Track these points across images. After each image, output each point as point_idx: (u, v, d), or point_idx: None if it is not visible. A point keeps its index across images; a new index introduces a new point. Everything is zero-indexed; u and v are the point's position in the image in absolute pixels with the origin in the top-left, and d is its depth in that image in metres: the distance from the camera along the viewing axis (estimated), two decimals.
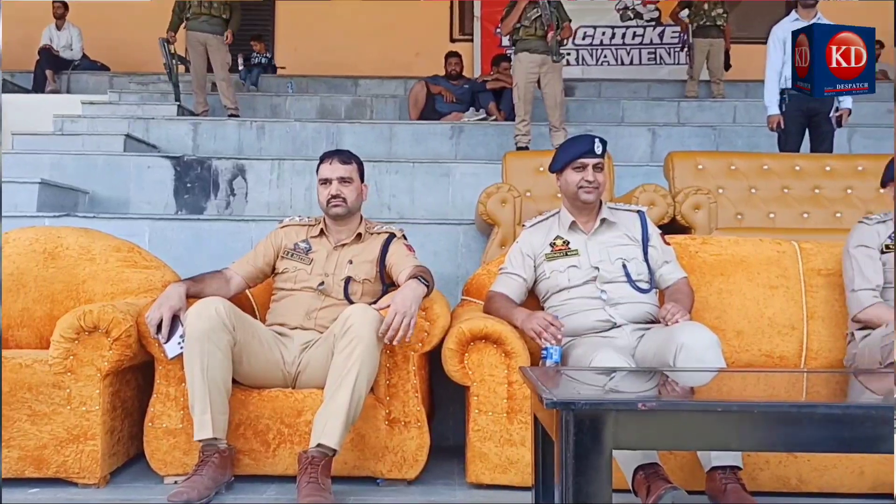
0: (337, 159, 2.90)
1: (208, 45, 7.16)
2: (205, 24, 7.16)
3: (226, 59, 7.28)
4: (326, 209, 2.88)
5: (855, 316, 2.86)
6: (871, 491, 2.53)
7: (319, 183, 2.90)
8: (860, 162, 4.59)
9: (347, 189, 2.86)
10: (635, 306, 2.76)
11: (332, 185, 2.85)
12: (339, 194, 2.84)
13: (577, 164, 2.80)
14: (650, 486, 2.21)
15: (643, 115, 7.60)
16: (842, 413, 1.62)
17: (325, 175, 2.88)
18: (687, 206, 3.96)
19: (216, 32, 7.18)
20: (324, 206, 2.89)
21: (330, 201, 2.85)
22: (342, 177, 2.86)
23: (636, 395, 1.86)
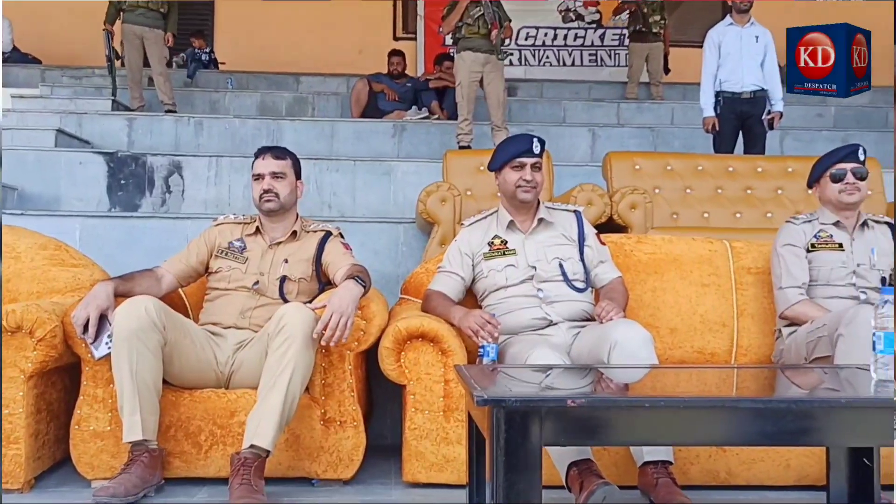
0: (270, 154, 2.86)
1: (145, 38, 6.99)
2: (141, 16, 6.99)
3: (163, 54, 7.12)
4: (259, 204, 2.84)
5: (782, 313, 2.94)
6: (797, 483, 2.61)
7: (253, 179, 2.86)
8: (790, 163, 4.72)
9: (280, 184, 2.82)
10: (571, 304, 2.79)
11: (265, 180, 2.81)
12: (272, 189, 2.80)
13: (516, 164, 2.82)
14: (583, 482, 2.23)
15: (584, 115, 7.69)
16: (765, 407, 1.66)
17: (258, 170, 2.84)
18: (623, 206, 4.02)
19: (153, 26, 7.01)
20: (256, 202, 2.85)
21: (262, 196, 2.82)
22: (275, 172, 2.83)
23: (566, 391, 1.87)
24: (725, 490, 2.63)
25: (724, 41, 5.47)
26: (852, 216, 3.01)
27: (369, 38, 9.29)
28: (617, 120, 7.64)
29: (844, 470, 2.17)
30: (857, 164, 2.96)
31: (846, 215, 3.00)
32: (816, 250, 2.97)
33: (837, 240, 2.97)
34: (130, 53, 7.05)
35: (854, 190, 2.96)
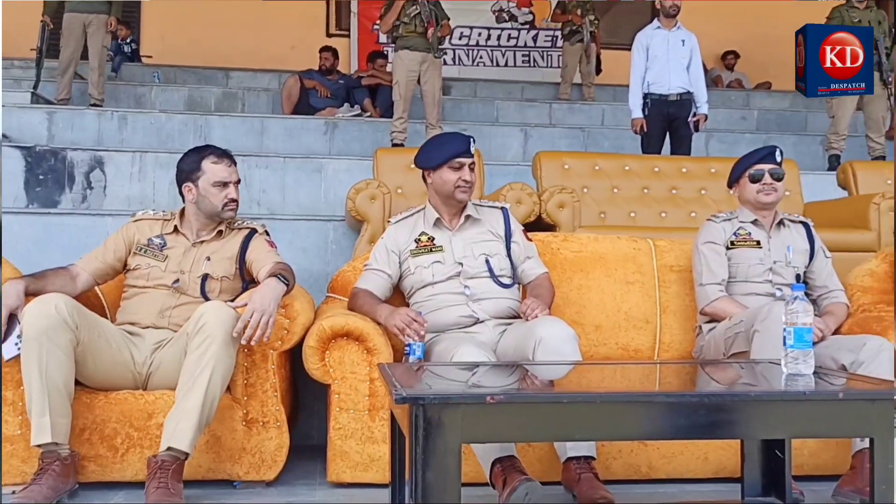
0: (229, 160, 2.80)
1: (88, 25, 6.70)
2: (85, 3, 6.71)
3: (104, 42, 6.86)
4: (221, 212, 2.76)
5: (702, 309, 3.01)
6: (714, 476, 2.67)
7: (214, 184, 2.74)
8: (713, 164, 4.83)
9: (237, 191, 2.79)
10: (498, 301, 2.80)
11: (231, 189, 2.76)
12: (237, 199, 2.77)
13: (455, 164, 2.81)
14: (506, 479, 2.24)
15: (516, 115, 7.75)
16: (679, 402, 1.69)
17: (222, 177, 2.75)
18: (552, 205, 4.06)
19: (98, 11, 6.72)
20: (218, 209, 2.75)
21: (227, 205, 2.76)
22: (237, 181, 2.80)
23: (485, 389, 1.87)
24: (647, 484, 2.68)
25: (651, 44, 5.58)
26: (769, 215, 3.09)
27: (302, 34, 9.16)
28: (549, 120, 7.72)
29: (758, 462, 2.23)
30: (775, 166, 3.05)
31: (763, 214, 3.08)
32: (735, 248, 3.04)
33: (755, 238, 3.05)
34: (70, 43, 6.75)
35: (771, 190, 3.04)
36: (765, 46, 9.75)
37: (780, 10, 9.59)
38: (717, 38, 9.59)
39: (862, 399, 1.73)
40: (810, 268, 3.06)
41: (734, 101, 8.82)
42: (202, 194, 2.74)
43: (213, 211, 2.76)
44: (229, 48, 9.15)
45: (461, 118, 7.44)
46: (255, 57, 9.08)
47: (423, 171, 2.90)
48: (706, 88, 5.79)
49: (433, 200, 2.91)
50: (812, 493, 2.54)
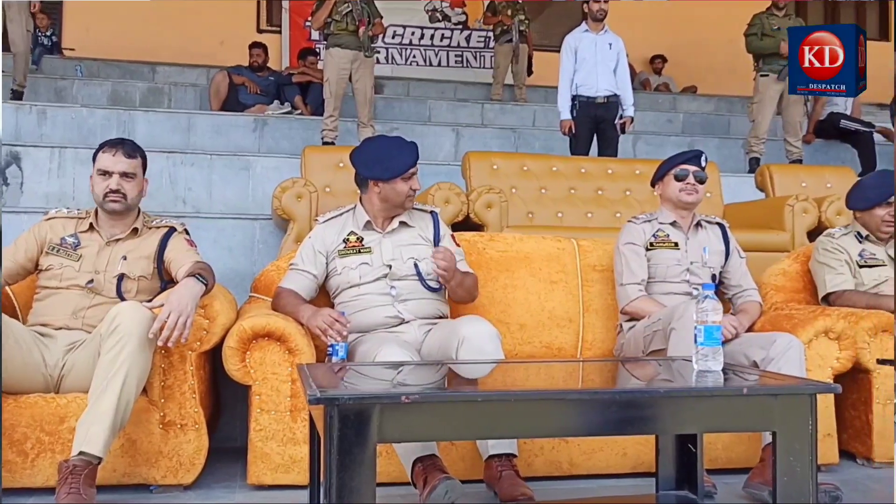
0: (121, 151, 2.71)
1: (9, 9, 6.42)
2: None
3: (28, 27, 6.58)
4: (102, 203, 2.69)
5: (623, 308, 3.07)
6: (633, 471, 2.73)
7: (98, 173, 2.69)
8: (637, 166, 4.94)
9: (129, 185, 2.69)
10: (424, 303, 2.81)
11: (113, 179, 2.67)
12: (120, 189, 2.67)
13: (407, 175, 2.80)
14: (427, 478, 2.25)
15: (449, 115, 7.77)
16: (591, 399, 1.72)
17: (105, 166, 2.68)
18: (480, 205, 4.09)
19: None
20: (99, 200, 2.69)
21: (107, 196, 2.67)
22: (125, 171, 2.69)
23: (401, 388, 1.87)
24: (568, 480, 2.72)
25: (580, 47, 5.67)
26: (688, 216, 3.18)
27: (231, 29, 8.98)
28: (481, 120, 7.77)
29: (672, 457, 2.29)
30: (699, 169, 3.13)
31: (682, 215, 3.16)
32: (655, 249, 3.12)
33: (674, 239, 3.13)
34: None
35: (693, 191, 3.12)
36: (692, 51, 10.01)
37: (706, 16, 9.87)
38: (646, 43, 9.81)
39: (765, 394, 1.80)
40: (725, 268, 3.16)
41: (661, 104, 9.03)
42: (91, 185, 2.69)
43: (98, 202, 2.69)
44: (156, 42, 8.92)
45: (393, 117, 7.43)
46: (182, 51, 8.87)
47: (376, 182, 2.81)
48: (633, 91, 5.92)
49: (371, 205, 2.86)
50: (725, 485, 2.62)
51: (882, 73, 9.16)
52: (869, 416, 2.94)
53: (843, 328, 2.88)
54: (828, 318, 2.90)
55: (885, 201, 3.23)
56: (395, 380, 2.14)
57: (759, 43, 6.38)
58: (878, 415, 2.91)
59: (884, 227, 3.26)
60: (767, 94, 6.41)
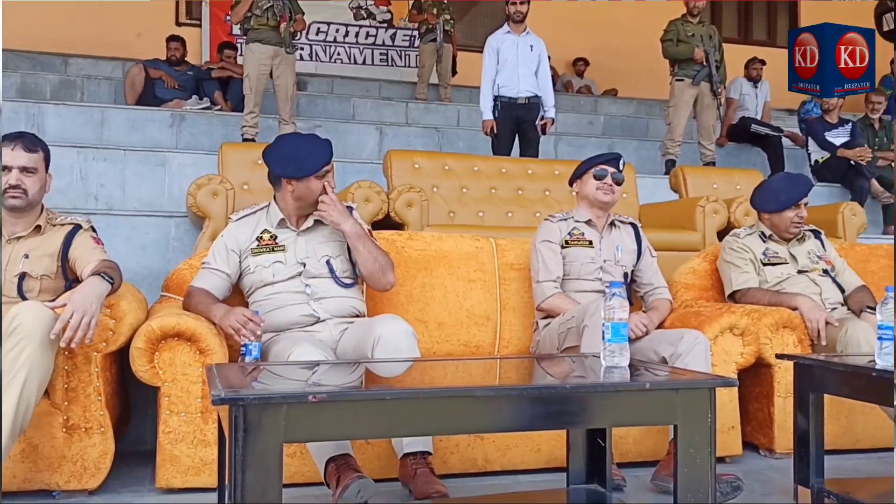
0: (20, 145, 2.59)
1: None
2: None
3: None
4: (1, 199, 2.58)
5: (538, 305, 3.12)
6: (546, 466, 2.77)
7: None
8: (557, 167, 5.02)
9: (30, 180, 2.59)
10: (339, 301, 2.79)
11: (12, 174, 2.55)
12: (20, 185, 2.56)
13: (322, 173, 2.77)
14: (340, 477, 2.24)
15: (373, 114, 7.74)
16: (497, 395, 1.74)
17: (3, 161, 2.57)
18: (400, 204, 4.09)
19: None
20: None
21: (7, 192, 2.55)
22: (25, 166, 2.58)
23: (310, 387, 1.86)
24: (483, 476, 2.75)
25: (501, 48, 5.73)
26: (603, 216, 3.25)
27: (149, 22, 8.72)
28: (405, 119, 7.76)
29: (582, 451, 2.33)
30: (617, 171, 3.20)
31: (598, 214, 3.23)
32: (570, 247, 3.18)
33: (588, 237, 3.19)
34: None
35: (610, 191, 3.18)
36: (613, 55, 10.23)
37: (627, 21, 10.10)
38: (569, 46, 9.96)
39: (666, 389, 1.85)
40: (638, 266, 3.24)
41: (583, 107, 9.19)
42: None
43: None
44: (69, 33, 8.58)
45: (317, 114, 7.36)
46: (97, 43, 8.57)
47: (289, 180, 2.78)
48: (555, 93, 6.01)
49: (285, 203, 2.83)
50: (635, 478, 2.70)
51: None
52: (771, 409, 3.06)
53: (746, 325, 2.99)
54: (732, 315, 3.01)
55: (795, 204, 3.37)
56: (310, 380, 2.12)
57: (675, 49, 6.56)
58: (778, 407, 3.03)
59: (792, 228, 3.40)
60: (682, 98, 6.60)
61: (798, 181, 3.49)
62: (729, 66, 6.93)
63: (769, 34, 11.69)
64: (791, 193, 3.40)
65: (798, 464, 2.47)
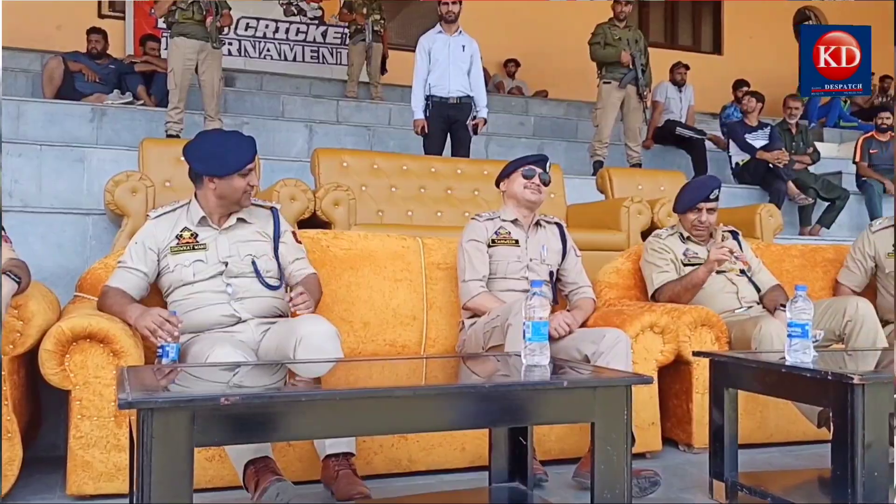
0: None
1: None
2: None
3: None
4: None
5: (464, 304, 3.12)
6: (471, 465, 2.78)
7: None
8: (486, 167, 5.05)
9: None
10: (261, 301, 2.74)
11: None
12: None
13: (245, 170, 2.71)
14: (258, 480, 2.20)
15: (303, 111, 7.65)
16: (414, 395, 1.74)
17: None
18: (327, 202, 4.05)
19: None
20: None
21: None
22: None
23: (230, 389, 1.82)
24: (408, 476, 2.74)
25: (433, 48, 5.73)
26: (529, 215, 3.27)
27: (70, 13, 8.42)
28: (336, 117, 7.70)
29: (504, 449, 2.35)
30: (544, 172, 3.23)
31: (524, 213, 3.25)
32: (496, 245, 3.19)
33: (515, 237, 3.22)
34: None
35: (538, 190, 3.21)
36: (544, 57, 10.34)
37: (558, 23, 10.22)
38: (500, 47, 10.03)
39: (583, 387, 1.88)
40: (563, 265, 3.28)
41: (514, 107, 9.27)
42: None
43: None
44: None
45: (245, 111, 7.23)
46: (14, 35, 8.16)
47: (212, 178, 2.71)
48: (487, 94, 6.04)
49: (206, 201, 2.76)
50: (557, 475, 2.72)
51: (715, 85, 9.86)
52: (689, 405, 3.14)
53: (666, 323, 3.06)
54: (653, 313, 3.07)
55: (695, 206, 3.45)
56: (231, 381, 2.07)
57: (602, 52, 6.68)
58: (697, 404, 3.11)
59: (694, 231, 3.48)
60: (609, 100, 6.71)
61: (699, 185, 3.56)
62: (655, 70, 7.09)
63: (694, 39, 12.00)
64: (692, 195, 3.48)
65: (713, 458, 2.53)
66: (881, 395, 2.03)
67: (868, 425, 1.99)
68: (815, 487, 2.53)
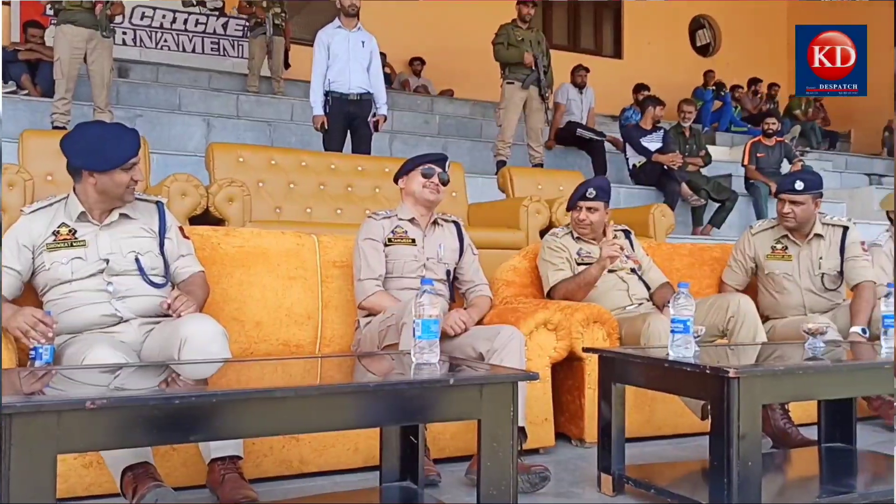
0: None
1: None
2: None
3: None
4: None
5: (360, 303, 3.09)
6: (365, 465, 2.74)
7: None
8: (387, 164, 5.02)
9: None
10: (145, 300, 2.63)
11: None
12: None
13: (127, 165, 2.59)
14: (137, 487, 2.11)
15: (201, 105, 7.44)
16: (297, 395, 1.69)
17: None
18: (220, 198, 3.93)
19: None
20: None
21: None
22: None
23: (92, 392, 1.73)
24: (300, 478, 2.68)
25: (332, 43, 5.66)
26: (427, 214, 3.26)
27: None
28: (235, 112, 7.52)
29: (396, 448, 2.33)
30: (443, 171, 3.22)
31: (422, 212, 3.24)
32: (393, 244, 3.17)
33: (411, 235, 3.20)
34: None
35: (436, 190, 3.20)
36: (450, 56, 10.39)
37: (464, 22, 10.28)
38: (406, 45, 10.03)
39: (469, 385, 1.87)
40: (459, 264, 3.28)
41: (419, 106, 9.27)
42: None
43: None
44: None
45: (139, 103, 6.97)
46: None
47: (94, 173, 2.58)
48: (393, 91, 6.00)
49: (86, 196, 2.62)
50: (450, 473, 2.72)
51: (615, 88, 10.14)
52: (582, 401, 3.20)
53: (559, 320, 3.11)
54: (546, 310, 3.11)
55: (575, 206, 3.54)
56: (111, 384, 1.98)
57: (506, 52, 6.75)
58: (589, 399, 3.17)
59: (578, 229, 3.57)
60: (512, 100, 6.80)
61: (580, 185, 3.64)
62: (558, 72, 7.22)
63: (596, 43, 12.31)
64: (572, 196, 3.57)
65: (601, 452, 2.58)
66: (755, 387, 2.12)
67: (743, 417, 2.06)
68: (698, 478, 2.62)
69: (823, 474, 2.76)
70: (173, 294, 2.55)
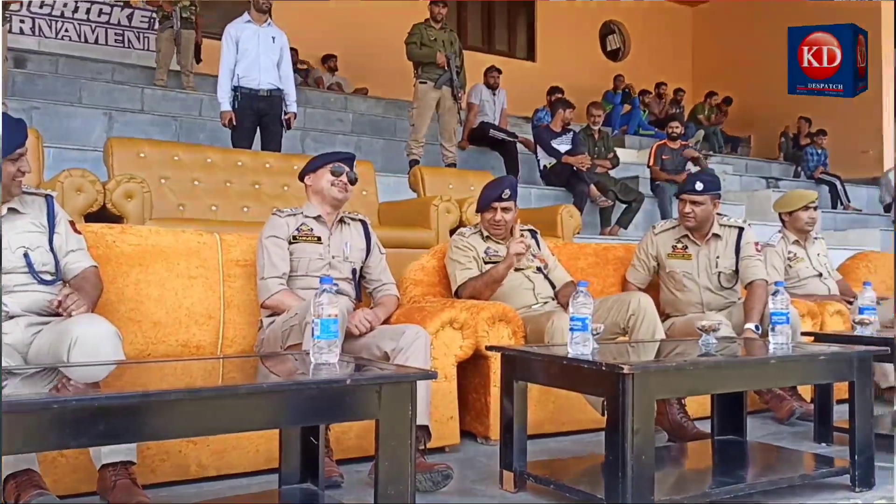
0: None
1: None
2: None
3: None
4: None
5: (263, 302, 3.03)
6: (266, 467, 2.68)
7: None
8: (295, 161, 4.94)
9: None
10: (34, 296, 2.52)
11: None
12: None
13: (14, 155, 2.48)
14: (20, 495, 2.01)
15: (103, 98, 7.18)
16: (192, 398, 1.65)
17: None
18: (118, 195, 3.79)
19: None
20: None
21: None
22: None
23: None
24: (197, 483, 2.61)
25: (241, 37, 5.54)
26: (333, 213, 3.23)
27: None
28: (141, 106, 7.27)
29: (296, 450, 2.29)
30: (351, 171, 3.19)
31: (328, 210, 3.20)
32: (298, 242, 3.12)
33: (317, 233, 3.16)
34: None
35: (344, 188, 3.17)
36: (363, 54, 10.33)
37: (377, 20, 10.24)
38: (319, 42, 9.92)
39: (367, 384, 1.86)
40: (367, 263, 3.26)
41: (333, 103, 9.19)
42: None
43: None
44: None
45: (35, 95, 6.67)
46: None
47: None
48: (305, 89, 5.92)
49: None
50: (354, 473, 2.70)
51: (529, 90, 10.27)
52: (487, 399, 3.22)
53: (465, 319, 3.12)
54: (452, 309, 3.13)
55: (490, 206, 3.57)
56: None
57: (418, 52, 6.76)
58: (494, 397, 3.19)
59: (492, 230, 3.60)
60: (425, 100, 6.81)
61: (493, 185, 3.65)
62: (472, 73, 7.27)
63: (510, 46, 12.47)
64: (486, 196, 3.60)
65: (504, 449, 2.60)
66: (649, 383, 2.18)
67: (637, 412, 2.12)
68: (597, 472, 2.67)
69: (715, 466, 2.86)
70: (64, 292, 2.45)
